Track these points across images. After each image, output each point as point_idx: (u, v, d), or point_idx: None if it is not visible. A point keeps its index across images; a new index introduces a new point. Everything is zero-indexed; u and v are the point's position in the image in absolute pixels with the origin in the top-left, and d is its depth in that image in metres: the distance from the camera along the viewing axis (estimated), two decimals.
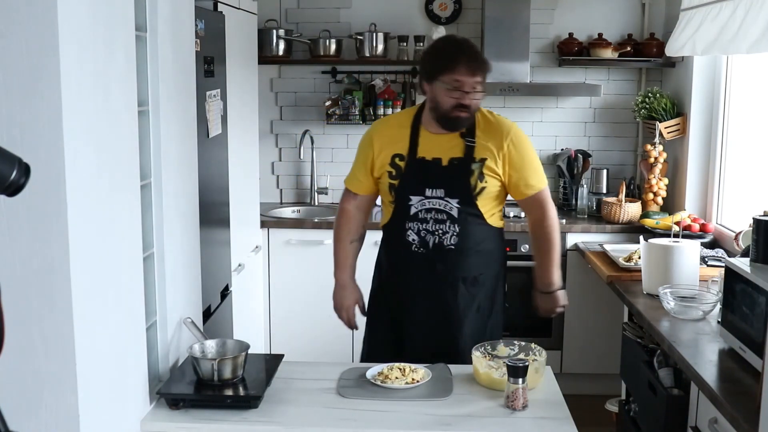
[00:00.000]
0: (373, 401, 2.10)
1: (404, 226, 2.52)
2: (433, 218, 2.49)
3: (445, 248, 2.49)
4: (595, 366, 4.13)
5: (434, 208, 2.48)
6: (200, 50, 2.75)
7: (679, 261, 2.87)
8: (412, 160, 2.50)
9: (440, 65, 2.41)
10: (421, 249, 2.51)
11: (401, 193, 2.51)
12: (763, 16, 2.81)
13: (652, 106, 4.11)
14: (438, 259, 2.50)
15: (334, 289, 2.70)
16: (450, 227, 2.48)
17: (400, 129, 2.55)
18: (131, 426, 1.96)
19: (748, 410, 1.90)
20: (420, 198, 2.49)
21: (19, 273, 1.59)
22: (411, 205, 2.50)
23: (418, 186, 2.49)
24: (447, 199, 2.47)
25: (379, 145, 2.55)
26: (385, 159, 2.53)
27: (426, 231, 2.49)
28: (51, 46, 1.53)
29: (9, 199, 1.31)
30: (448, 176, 2.48)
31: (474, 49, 2.44)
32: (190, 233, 2.42)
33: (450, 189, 2.47)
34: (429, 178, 2.48)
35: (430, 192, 2.48)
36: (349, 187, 2.68)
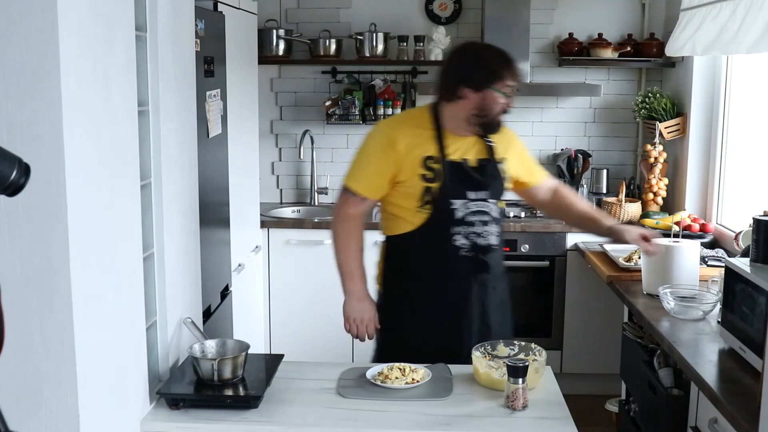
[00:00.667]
0: (373, 401, 2.10)
1: (449, 231, 2.46)
2: (479, 220, 2.49)
3: (492, 249, 2.53)
4: (595, 366, 4.13)
5: (479, 210, 2.49)
6: (200, 50, 2.75)
7: (679, 261, 2.87)
8: (446, 162, 2.46)
9: (495, 74, 2.42)
10: (470, 252, 2.49)
11: (443, 196, 2.45)
12: (763, 16, 2.81)
13: (652, 106, 4.11)
14: (487, 260, 2.52)
15: (349, 303, 2.54)
16: (492, 227, 2.53)
17: (422, 130, 2.48)
18: (131, 426, 1.96)
19: (748, 410, 1.90)
20: (464, 201, 2.47)
21: (19, 273, 1.59)
22: (455, 209, 2.46)
23: (459, 188, 2.47)
24: (489, 201, 2.51)
25: (404, 145, 2.44)
26: (415, 159, 2.44)
27: (475, 234, 2.49)
28: (51, 47, 1.53)
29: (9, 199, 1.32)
30: (485, 177, 2.51)
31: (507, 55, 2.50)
32: (190, 233, 2.42)
33: (492, 190, 2.52)
34: (467, 179, 2.48)
35: (473, 195, 2.48)
36: (358, 190, 2.50)
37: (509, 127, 2.63)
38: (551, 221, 4.07)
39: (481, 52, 2.54)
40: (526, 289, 4.19)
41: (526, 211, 4.25)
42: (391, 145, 2.44)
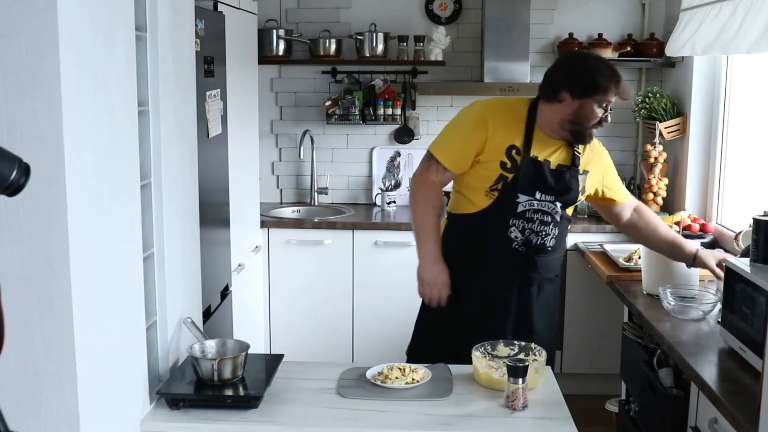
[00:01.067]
0: (373, 401, 2.10)
1: (507, 222, 2.51)
2: (540, 219, 2.52)
3: (546, 249, 2.55)
4: (595, 366, 4.13)
5: (542, 210, 2.52)
6: (200, 50, 2.75)
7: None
8: (527, 157, 2.49)
9: (598, 86, 2.45)
10: (522, 247, 2.52)
11: (512, 188, 2.50)
12: (763, 16, 2.81)
13: (652, 106, 4.11)
14: (538, 259, 2.55)
15: (423, 265, 2.55)
16: (552, 229, 2.55)
17: (516, 119, 2.52)
18: (131, 426, 1.96)
19: (748, 410, 1.90)
20: (529, 198, 2.51)
21: (19, 273, 1.59)
22: (519, 203, 2.50)
23: (531, 185, 2.50)
24: (555, 203, 2.54)
25: (494, 127, 2.48)
26: (500, 145, 2.48)
27: (531, 231, 2.52)
28: (51, 46, 1.53)
29: (9, 199, 1.32)
30: (559, 181, 2.53)
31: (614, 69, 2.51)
32: (190, 233, 2.42)
33: (560, 194, 2.54)
34: (542, 179, 2.51)
35: (540, 195, 2.51)
36: (441, 159, 2.53)
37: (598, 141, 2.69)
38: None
39: (591, 62, 2.56)
40: None
41: None
42: (483, 124, 2.49)
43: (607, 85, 2.45)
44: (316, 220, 4.19)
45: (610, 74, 2.47)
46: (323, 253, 4.10)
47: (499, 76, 4.24)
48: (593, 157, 2.64)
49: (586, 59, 2.66)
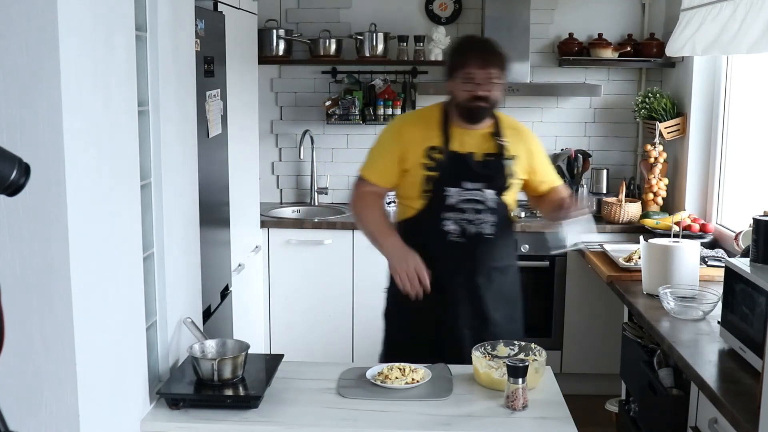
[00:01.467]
0: (373, 401, 2.10)
1: (440, 217, 2.56)
2: (472, 208, 2.55)
3: (484, 237, 2.57)
4: (595, 366, 4.13)
5: (473, 199, 2.56)
6: (200, 50, 2.75)
7: (679, 261, 2.87)
8: (447, 153, 2.55)
9: (455, 61, 2.54)
10: (460, 238, 2.56)
11: (439, 184, 2.55)
12: (763, 16, 2.81)
13: (652, 106, 4.11)
14: (476, 248, 2.57)
15: (392, 257, 2.55)
16: (488, 217, 2.57)
17: (429, 123, 2.60)
18: (131, 426, 1.96)
19: (748, 410, 1.90)
20: (458, 189, 2.55)
21: (19, 273, 1.59)
22: (448, 196, 2.54)
23: (456, 178, 2.55)
24: (485, 190, 2.56)
25: (408, 137, 2.59)
26: (419, 150, 2.56)
27: (465, 221, 2.55)
28: (51, 46, 1.53)
29: (9, 199, 1.32)
30: (485, 169, 2.57)
31: (487, 44, 2.56)
32: (190, 233, 2.42)
33: (488, 181, 2.56)
34: (467, 170, 2.55)
35: (468, 184, 2.55)
36: (367, 176, 2.65)
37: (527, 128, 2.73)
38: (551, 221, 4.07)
39: (459, 43, 2.67)
40: (526, 289, 4.16)
41: (526, 211, 4.25)
42: (398, 137, 2.62)
43: (462, 58, 2.50)
44: (316, 220, 4.19)
45: (466, 47, 2.55)
46: (323, 253, 4.10)
47: None
48: (519, 143, 2.65)
49: (458, 42, 2.71)
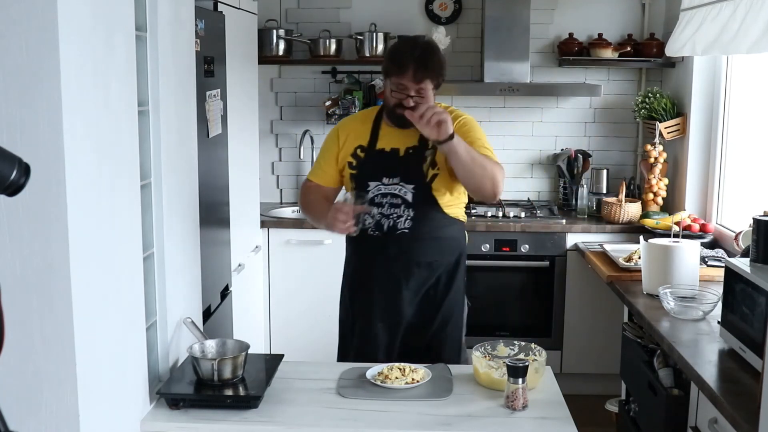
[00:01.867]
0: (373, 401, 2.10)
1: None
2: (389, 202, 2.53)
3: (398, 231, 2.53)
4: (595, 366, 4.13)
5: (390, 193, 2.53)
6: (200, 50, 2.75)
7: (679, 261, 2.87)
8: (371, 151, 2.58)
9: (390, 66, 2.48)
10: (375, 232, 2.55)
11: (359, 180, 2.57)
12: (763, 16, 2.81)
13: (652, 106, 4.11)
14: (391, 242, 2.54)
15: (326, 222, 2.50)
16: (404, 211, 2.53)
17: (364, 123, 2.64)
18: (131, 426, 1.96)
19: (748, 410, 1.90)
20: (377, 184, 2.54)
21: (19, 273, 1.59)
22: (368, 191, 2.55)
23: (375, 173, 2.55)
24: (402, 185, 2.53)
25: (344, 137, 2.63)
26: (348, 150, 2.61)
27: (381, 215, 2.54)
28: (51, 46, 1.53)
29: (9, 199, 1.32)
30: (403, 163, 2.54)
31: (425, 55, 2.44)
32: (190, 233, 2.42)
33: (405, 175, 2.53)
34: (386, 166, 2.55)
35: (387, 180, 2.54)
36: (310, 177, 2.73)
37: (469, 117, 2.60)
38: (551, 221, 4.07)
39: (396, 43, 2.65)
40: (526, 289, 4.20)
41: (526, 211, 4.25)
42: (335, 138, 2.67)
43: (397, 68, 2.45)
44: None
45: (404, 56, 2.44)
46: (323, 253, 4.10)
47: (499, 76, 4.24)
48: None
49: (395, 42, 2.69)
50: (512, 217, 4.12)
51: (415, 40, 2.58)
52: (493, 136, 4.53)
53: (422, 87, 2.44)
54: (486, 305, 4.16)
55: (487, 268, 4.12)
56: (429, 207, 2.55)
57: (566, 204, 4.46)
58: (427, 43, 2.51)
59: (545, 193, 4.65)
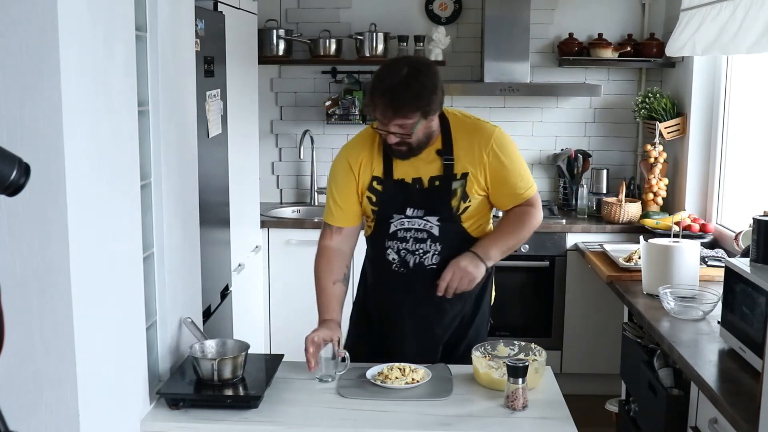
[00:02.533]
0: (373, 401, 2.10)
1: (384, 245, 2.40)
2: (413, 237, 2.35)
3: (426, 268, 2.36)
4: (595, 366, 4.13)
5: (414, 228, 2.35)
6: (200, 50, 2.75)
7: (679, 261, 2.87)
8: (389, 182, 2.35)
9: (369, 97, 2.25)
10: (401, 269, 2.38)
11: (381, 214, 2.38)
12: (763, 16, 2.81)
13: (652, 106, 4.11)
14: (419, 281, 2.37)
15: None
16: (431, 246, 2.35)
17: (370, 149, 2.38)
18: (131, 426, 1.96)
19: (748, 410, 1.90)
20: (400, 217, 2.35)
21: (19, 273, 1.59)
22: (391, 223, 2.37)
23: (397, 206, 2.36)
24: (427, 218, 2.34)
25: (357, 168, 2.38)
26: (364, 183, 2.38)
27: (406, 251, 2.36)
28: (51, 46, 1.53)
29: (9, 199, 1.31)
30: (429, 197, 2.33)
31: (398, 90, 2.16)
32: (190, 233, 2.41)
33: (431, 209, 2.33)
34: (409, 198, 2.35)
35: (410, 212, 2.35)
36: (329, 221, 2.45)
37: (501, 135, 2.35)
38: (551, 221, 4.07)
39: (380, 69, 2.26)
40: (526, 289, 4.19)
41: None
42: (349, 170, 2.40)
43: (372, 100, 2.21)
44: (316, 220, 4.18)
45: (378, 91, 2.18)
46: None
47: (499, 76, 4.24)
48: (472, 153, 2.31)
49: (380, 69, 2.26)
50: None
51: (394, 68, 2.21)
52: None
53: (398, 125, 2.19)
54: None
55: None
56: (457, 238, 2.35)
57: (566, 204, 4.46)
58: (407, 75, 2.17)
59: (545, 193, 4.64)
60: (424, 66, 2.25)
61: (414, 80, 2.18)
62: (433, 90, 2.20)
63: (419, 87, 2.18)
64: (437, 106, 2.24)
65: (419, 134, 2.25)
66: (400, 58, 2.31)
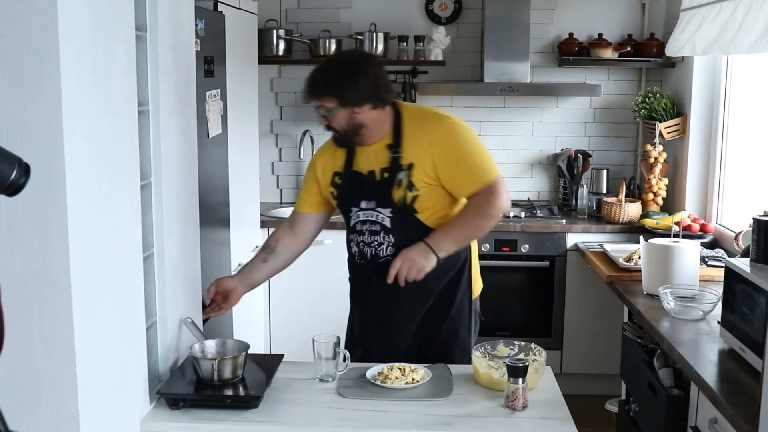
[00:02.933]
0: (373, 401, 2.10)
1: (348, 238, 2.52)
2: (368, 230, 2.42)
3: (380, 260, 2.40)
4: (595, 366, 4.13)
5: (368, 220, 2.41)
6: (200, 50, 2.75)
7: (679, 261, 2.87)
8: (347, 174, 2.45)
9: None
10: (361, 261, 2.47)
11: (342, 207, 2.50)
12: (763, 16, 2.81)
13: (652, 106, 4.11)
14: (374, 271, 2.42)
15: None
16: (384, 238, 2.39)
17: (335, 150, 2.50)
18: (131, 426, 1.96)
19: (748, 410, 1.90)
20: (356, 210, 2.43)
21: (19, 273, 1.59)
22: (351, 217, 2.46)
23: (353, 198, 2.44)
24: (378, 210, 2.39)
25: (321, 166, 2.53)
26: (327, 179, 2.50)
27: (363, 243, 2.44)
28: (51, 46, 1.53)
29: (9, 199, 1.31)
30: (378, 187, 2.38)
31: (316, 72, 2.33)
32: (190, 233, 2.41)
33: (380, 200, 2.38)
34: (362, 190, 2.42)
35: (364, 204, 2.41)
36: (296, 208, 2.66)
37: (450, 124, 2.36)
38: (551, 221, 4.07)
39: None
40: (526, 289, 4.19)
41: (526, 211, 4.25)
42: (312, 167, 2.57)
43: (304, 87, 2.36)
44: None
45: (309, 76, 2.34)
46: (323, 253, 4.09)
47: (499, 76, 4.24)
48: (420, 143, 2.35)
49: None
50: (512, 217, 4.11)
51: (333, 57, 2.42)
52: (493, 136, 4.55)
53: (321, 105, 2.33)
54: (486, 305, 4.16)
55: (487, 268, 4.07)
56: (411, 229, 2.37)
57: (566, 204, 4.46)
58: (331, 62, 2.39)
59: (545, 193, 4.65)
60: (357, 58, 2.40)
61: (335, 67, 2.33)
62: (350, 80, 2.28)
63: (336, 74, 2.30)
64: (356, 97, 2.29)
65: (341, 122, 2.34)
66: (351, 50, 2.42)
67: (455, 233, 2.36)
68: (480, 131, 4.57)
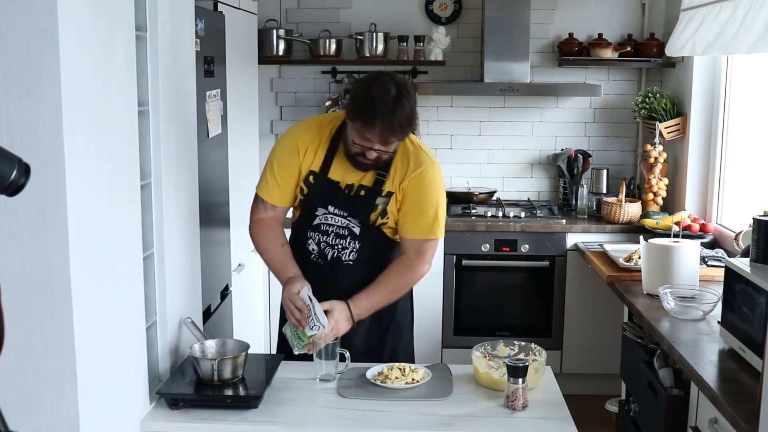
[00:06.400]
0: (373, 401, 2.10)
1: (306, 235, 2.44)
2: (335, 232, 2.41)
3: (342, 263, 2.42)
4: (595, 366, 4.13)
5: (337, 224, 2.41)
6: (200, 50, 2.75)
7: (679, 261, 2.87)
8: (322, 179, 2.38)
9: (360, 115, 2.22)
10: (319, 260, 2.44)
11: (306, 205, 2.43)
12: (763, 16, 2.81)
13: (652, 106, 4.11)
14: (333, 273, 2.42)
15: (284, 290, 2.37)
16: (350, 243, 2.41)
17: (320, 142, 2.40)
18: (131, 426, 1.96)
19: (748, 410, 1.90)
20: (324, 212, 2.41)
21: (19, 273, 1.59)
22: (316, 216, 2.42)
23: (323, 201, 2.40)
24: (350, 219, 2.40)
25: (304, 150, 2.39)
26: (304, 171, 2.41)
27: (326, 243, 2.42)
28: (51, 46, 1.53)
29: (9, 199, 1.32)
30: (352, 203, 2.38)
31: (395, 115, 2.18)
32: (190, 233, 2.42)
33: (352, 214, 2.39)
34: (335, 197, 2.39)
35: (333, 208, 2.40)
36: (264, 196, 2.45)
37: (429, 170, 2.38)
38: (551, 221, 4.07)
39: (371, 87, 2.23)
40: (526, 289, 4.20)
41: (526, 211, 4.25)
42: (295, 150, 2.40)
43: (367, 121, 2.20)
44: None
45: (377, 113, 2.18)
46: None
47: (499, 76, 4.24)
48: (399, 178, 2.37)
49: (369, 86, 2.24)
50: (512, 217, 4.11)
51: (387, 88, 2.20)
52: (493, 136, 4.55)
53: (388, 148, 2.27)
54: (486, 305, 4.17)
55: (487, 268, 4.12)
56: (377, 239, 2.43)
57: (566, 204, 4.46)
58: (399, 97, 2.19)
59: (545, 193, 4.65)
60: (408, 86, 2.28)
61: (406, 104, 2.22)
62: (416, 112, 2.28)
63: (411, 111, 2.24)
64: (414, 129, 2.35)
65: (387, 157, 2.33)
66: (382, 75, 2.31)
67: (378, 299, 2.40)
68: (480, 131, 4.57)
